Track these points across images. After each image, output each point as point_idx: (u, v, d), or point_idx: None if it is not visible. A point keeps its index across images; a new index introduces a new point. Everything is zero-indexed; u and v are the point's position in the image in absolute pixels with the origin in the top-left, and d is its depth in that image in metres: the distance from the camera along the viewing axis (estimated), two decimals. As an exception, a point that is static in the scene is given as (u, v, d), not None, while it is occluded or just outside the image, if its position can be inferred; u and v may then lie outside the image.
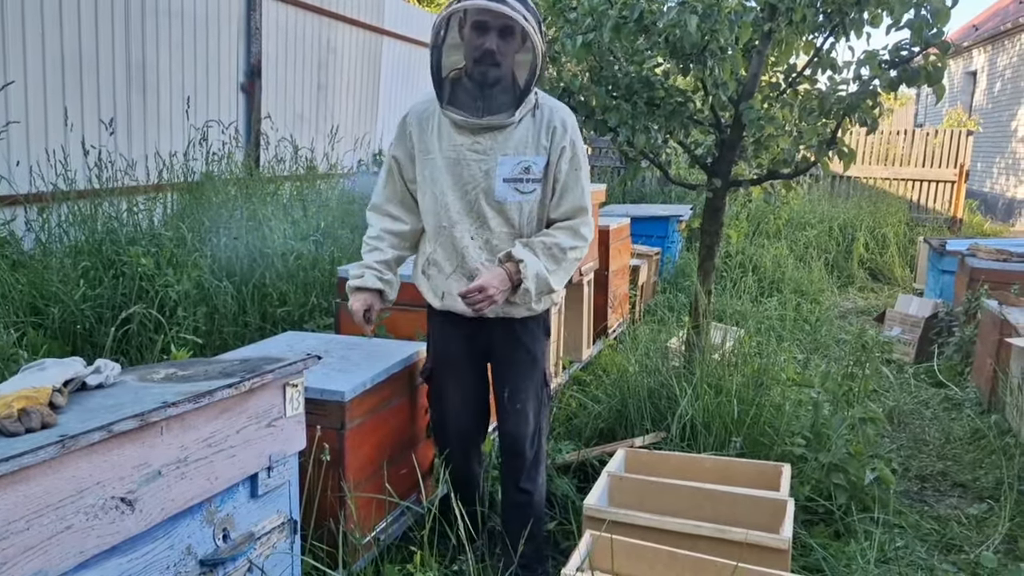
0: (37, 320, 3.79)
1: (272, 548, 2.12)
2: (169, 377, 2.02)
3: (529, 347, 2.62)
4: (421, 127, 2.53)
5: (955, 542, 3.20)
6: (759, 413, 3.48)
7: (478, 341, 2.62)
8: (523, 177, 2.47)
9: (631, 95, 3.76)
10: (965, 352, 5.36)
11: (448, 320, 2.62)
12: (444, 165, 2.48)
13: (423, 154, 2.53)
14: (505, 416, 2.63)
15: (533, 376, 2.62)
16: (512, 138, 2.46)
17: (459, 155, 2.47)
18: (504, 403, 2.61)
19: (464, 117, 2.42)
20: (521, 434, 2.61)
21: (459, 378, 2.68)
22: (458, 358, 2.66)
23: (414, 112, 2.57)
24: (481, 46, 2.35)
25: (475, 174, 2.46)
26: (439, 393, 2.72)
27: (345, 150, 8.45)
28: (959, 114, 17.05)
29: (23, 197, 4.88)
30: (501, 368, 2.65)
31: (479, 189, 2.47)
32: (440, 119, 2.49)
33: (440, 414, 2.74)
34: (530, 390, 2.61)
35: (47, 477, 1.48)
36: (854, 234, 9.62)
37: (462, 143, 2.46)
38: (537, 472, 2.67)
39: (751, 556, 2.37)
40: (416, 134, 2.54)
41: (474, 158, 2.46)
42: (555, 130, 2.49)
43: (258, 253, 4.80)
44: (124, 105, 5.81)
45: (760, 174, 4.16)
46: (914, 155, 12.14)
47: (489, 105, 2.41)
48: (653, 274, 6.88)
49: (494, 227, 2.50)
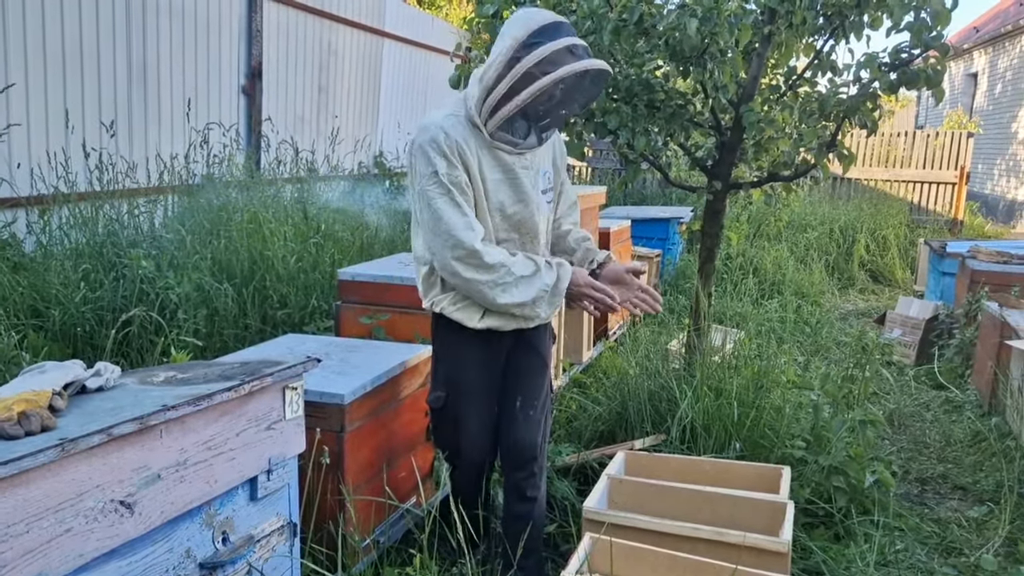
0: (38, 323, 3.80)
1: (272, 551, 2.12)
2: (169, 380, 2.02)
3: (541, 352, 2.62)
4: (466, 146, 2.36)
5: (955, 545, 3.20)
6: (759, 415, 3.47)
7: (496, 357, 2.57)
8: (548, 187, 2.56)
9: (631, 97, 3.77)
10: (966, 354, 5.36)
11: (471, 340, 2.51)
12: (493, 186, 2.41)
13: (477, 175, 2.40)
14: (515, 425, 2.55)
15: (543, 383, 2.62)
16: (538, 152, 2.51)
17: (511, 174, 2.44)
18: (515, 411, 2.55)
19: (513, 147, 2.41)
20: (532, 442, 2.55)
21: (479, 406, 2.59)
22: (478, 382, 2.58)
23: (455, 133, 2.35)
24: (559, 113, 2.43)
25: (528, 190, 2.46)
26: (456, 423, 2.60)
27: (346, 152, 8.46)
28: (960, 116, 17.04)
29: (24, 199, 4.89)
30: (515, 376, 2.59)
31: (532, 205, 2.47)
32: (478, 139, 2.39)
33: (455, 441, 2.63)
34: (541, 396, 2.59)
35: (47, 480, 1.48)
36: (855, 236, 9.62)
37: (513, 161, 2.44)
38: (542, 479, 2.63)
39: (750, 559, 2.37)
40: (468, 157, 2.36)
41: (526, 175, 2.46)
42: (555, 139, 2.58)
43: (258, 255, 4.80)
44: (125, 107, 5.82)
45: (760, 176, 4.16)
46: (915, 157, 12.13)
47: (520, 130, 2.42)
48: (654, 276, 6.88)
49: (541, 240, 2.54)
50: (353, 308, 3.66)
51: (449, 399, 2.59)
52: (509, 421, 2.57)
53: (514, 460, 2.58)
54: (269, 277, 4.72)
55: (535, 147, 2.46)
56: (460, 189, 2.34)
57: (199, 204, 5.43)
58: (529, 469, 2.56)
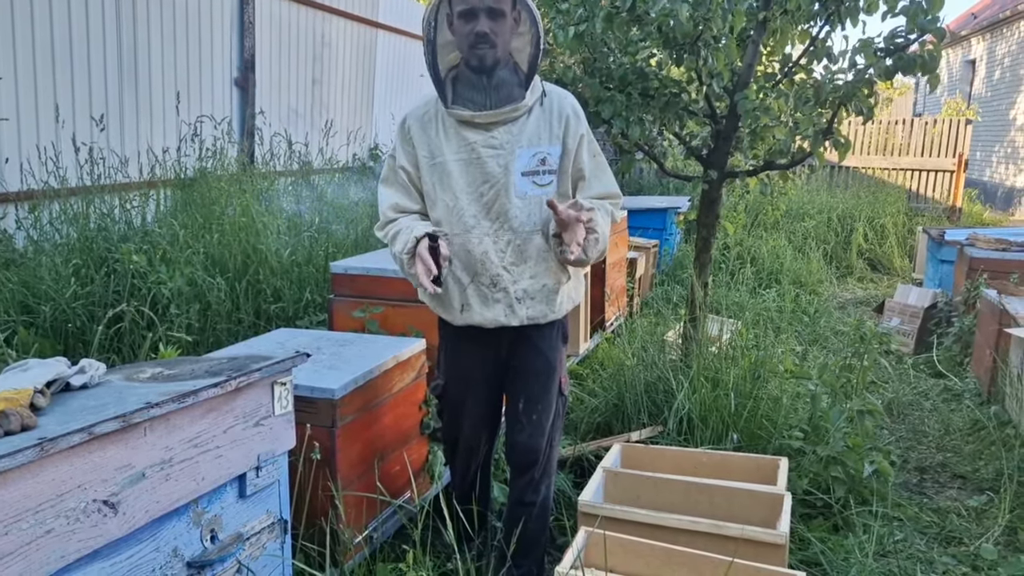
0: (28, 319, 3.76)
1: (262, 549, 2.09)
2: (155, 377, 1.99)
3: (548, 355, 2.49)
4: (424, 131, 2.38)
5: (955, 534, 3.18)
6: (756, 406, 3.45)
7: (495, 352, 2.50)
8: (539, 169, 2.36)
9: (625, 86, 3.72)
10: (964, 342, 5.33)
11: (464, 334, 2.48)
12: (457, 167, 2.35)
13: (429, 159, 2.38)
14: (519, 427, 2.48)
15: (550, 386, 2.50)
16: (525, 129, 2.36)
17: (473, 154, 2.34)
18: (518, 413, 2.48)
19: (472, 112, 2.31)
20: (534, 447, 2.48)
21: (476, 396, 2.55)
22: (475, 376, 2.53)
23: (413, 116, 2.42)
24: (472, 31, 2.25)
25: (493, 171, 2.34)
26: (454, 412, 2.60)
27: (340, 145, 8.41)
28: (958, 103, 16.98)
29: (13, 195, 4.85)
30: (518, 377, 2.50)
31: (499, 187, 2.34)
32: (444, 121, 2.36)
33: (453, 431, 2.63)
34: (546, 400, 2.49)
35: (25, 481, 1.45)
36: (853, 224, 9.58)
37: (475, 140, 2.33)
38: (544, 484, 2.55)
39: (748, 551, 2.35)
40: (419, 138, 2.39)
41: (490, 154, 2.33)
42: (568, 118, 2.40)
43: (252, 249, 4.76)
44: (116, 101, 5.77)
45: (756, 165, 4.12)
46: (913, 145, 12.08)
47: (497, 96, 2.31)
48: (651, 267, 6.85)
49: (516, 226, 2.35)
50: (346, 301, 3.63)
51: (447, 388, 2.59)
52: (512, 423, 2.52)
53: (515, 463, 2.54)
54: (263, 271, 4.68)
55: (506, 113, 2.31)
56: (395, 173, 2.45)
57: (191, 198, 5.39)
58: (530, 474, 2.50)
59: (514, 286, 2.38)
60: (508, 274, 2.37)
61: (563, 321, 2.55)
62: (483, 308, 2.39)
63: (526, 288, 2.39)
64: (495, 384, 2.57)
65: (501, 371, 2.53)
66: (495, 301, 2.39)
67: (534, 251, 2.39)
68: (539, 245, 2.39)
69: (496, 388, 2.58)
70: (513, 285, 2.38)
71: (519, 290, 2.39)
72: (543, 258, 2.40)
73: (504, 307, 2.39)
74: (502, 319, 2.40)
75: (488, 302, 2.39)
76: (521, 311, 2.40)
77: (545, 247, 2.40)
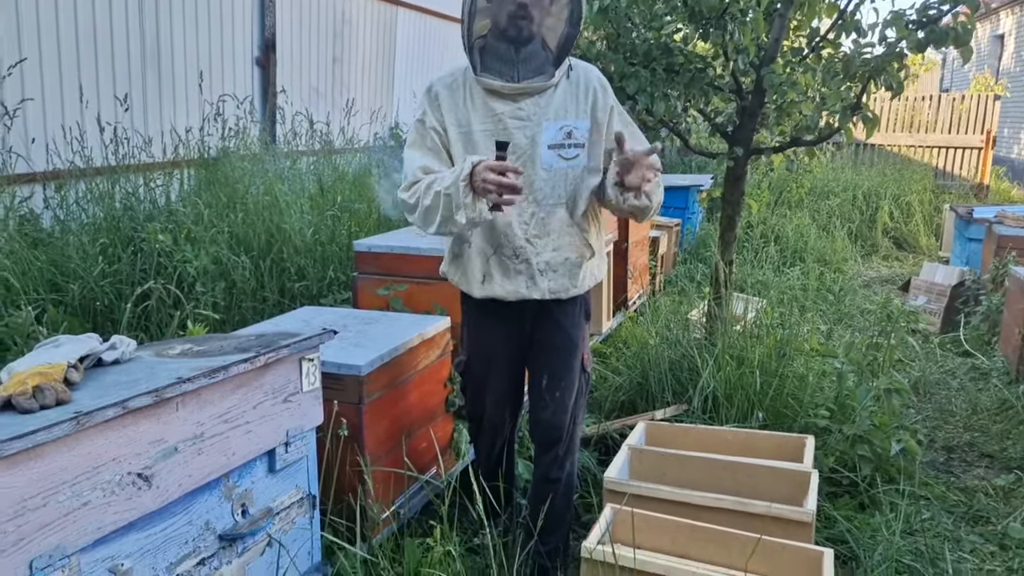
0: (57, 297, 3.80)
1: (291, 523, 2.11)
2: (185, 353, 2.01)
3: (570, 332, 2.48)
4: (452, 98, 2.36)
5: (982, 513, 3.16)
6: (782, 384, 3.43)
7: (518, 328, 2.49)
8: (566, 142, 2.35)
9: (649, 62, 3.68)
10: (992, 321, 5.27)
11: (487, 309, 2.47)
12: (482, 137, 2.33)
13: (456, 127, 2.35)
14: (542, 404, 2.48)
15: (572, 362, 2.49)
16: (553, 102, 2.35)
17: (500, 124, 2.32)
18: (541, 390, 2.47)
19: (503, 82, 2.30)
20: (557, 423, 2.48)
21: (499, 373, 2.55)
22: (498, 351, 2.53)
23: (441, 83, 2.39)
24: (515, 0, 2.24)
25: (520, 142, 2.32)
26: (478, 387, 2.60)
27: (361, 124, 8.40)
28: (986, 79, 16.67)
29: (40, 174, 4.89)
30: (540, 353, 2.50)
31: (524, 158, 2.32)
32: (472, 90, 2.35)
33: (477, 407, 2.63)
34: (569, 377, 2.48)
35: (62, 454, 1.47)
36: (878, 202, 9.47)
37: (503, 111, 2.32)
38: (568, 461, 2.55)
39: (774, 528, 2.34)
40: (447, 105, 2.36)
41: (517, 125, 2.33)
42: (595, 91, 2.39)
43: (275, 228, 4.78)
44: (139, 81, 5.79)
45: (782, 141, 4.07)
46: (940, 121, 11.90)
47: (526, 69, 2.31)
48: (673, 245, 6.80)
49: (540, 198, 2.34)
50: (370, 279, 3.64)
51: (471, 364, 2.59)
52: (535, 400, 2.52)
53: (539, 440, 2.54)
54: (286, 250, 4.70)
55: (534, 87, 2.31)
56: (425, 135, 2.37)
57: (215, 177, 5.41)
58: (554, 451, 2.50)
59: (536, 258, 2.37)
60: (531, 246, 2.37)
61: (585, 298, 2.55)
62: (504, 280, 2.39)
63: (548, 260, 2.39)
64: (518, 361, 2.57)
65: (524, 348, 2.53)
66: (517, 273, 2.38)
67: (557, 224, 2.38)
68: (562, 218, 2.39)
69: (519, 365, 2.59)
70: (536, 257, 2.37)
71: (541, 262, 2.38)
72: (566, 231, 2.40)
73: (526, 279, 2.38)
74: (523, 291, 2.39)
75: (510, 274, 2.38)
76: (543, 283, 2.39)
77: (568, 220, 2.39)
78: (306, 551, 2.18)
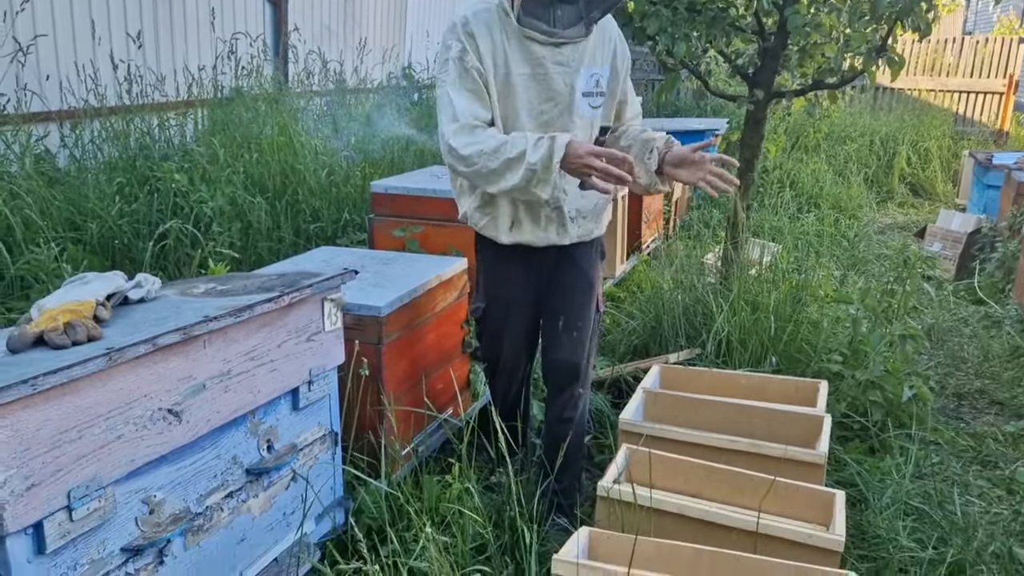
0: (76, 236, 3.83)
1: (315, 459, 2.16)
2: (208, 292, 2.03)
3: (587, 272, 2.51)
4: (491, 35, 2.25)
5: (991, 458, 3.20)
6: (796, 330, 3.45)
7: (538, 272, 2.50)
8: (595, 90, 2.36)
9: (671, 1, 3.61)
10: (1007, 269, 5.25)
11: (509, 254, 2.46)
12: (521, 82, 2.28)
13: (493, 69, 2.26)
14: (558, 344, 2.50)
15: (589, 303, 2.52)
16: (587, 49, 2.33)
17: (540, 68, 2.28)
18: (558, 331, 2.48)
19: (546, 33, 2.24)
20: (574, 363, 2.50)
21: (518, 316, 2.56)
22: (517, 297, 2.54)
23: (476, 19, 2.26)
24: None
25: (560, 88, 2.30)
26: (495, 333, 2.61)
27: (374, 63, 8.29)
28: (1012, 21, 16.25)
29: (55, 113, 4.87)
30: (557, 295, 2.51)
31: (563, 105, 2.31)
32: (508, 29, 2.27)
33: (494, 351, 2.65)
34: (586, 318, 2.50)
35: (96, 389, 1.50)
36: (895, 148, 9.35)
37: (544, 55, 2.27)
38: (581, 401, 2.59)
39: (787, 470, 2.38)
40: (484, 43, 2.25)
41: (558, 71, 2.29)
42: (616, 41, 2.41)
43: (290, 169, 4.78)
44: (151, 17, 5.71)
45: (804, 84, 4.01)
46: (962, 65, 11.65)
47: (566, 17, 2.26)
48: (688, 189, 6.76)
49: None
50: (386, 221, 3.65)
51: (489, 310, 2.60)
52: (551, 341, 2.54)
53: (554, 381, 2.57)
54: (301, 191, 4.70)
55: (575, 38, 2.28)
56: (468, 74, 2.23)
57: (229, 117, 5.38)
58: (570, 391, 2.54)
59: (569, 205, 2.38)
60: (564, 194, 2.36)
61: (601, 238, 2.59)
62: (534, 227, 2.40)
63: (579, 207, 2.41)
64: (535, 304, 2.58)
65: (542, 291, 2.55)
66: (548, 220, 2.39)
67: None
68: None
69: (536, 308, 2.60)
70: (568, 205, 2.38)
71: (573, 209, 2.40)
72: None
73: (557, 226, 2.40)
74: (554, 238, 2.41)
75: (540, 220, 2.39)
76: (573, 230, 2.42)
77: None
78: (329, 486, 2.24)
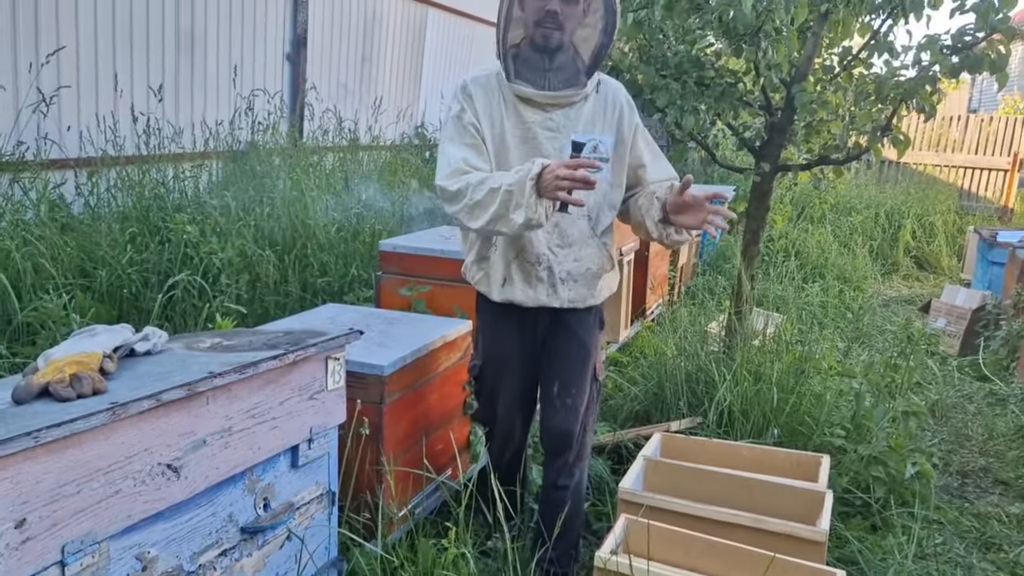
0: (85, 283, 3.86)
1: (311, 519, 2.15)
2: (215, 347, 2.05)
3: (583, 339, 2.50)
4: (487, 98, 2.36)
5: (995, 540, 3.15)
6: (799, 402, 3.43)
7: (532, 334, 2.52)
8: (592, 156, 2.36)
9: (680, 75, 3.70)
10: (1012, 346, 5.24)
11: (502, 313, 2.49)
12: (513, 143, 2.35)
13: (489, 128, 2.36)
14: (552, 411, 2.50)
15: (584, 370, 2.51)
16: (582, 115, 2.38)
17: (529, 132, 2.35)
18: (552, 397, 2.49)
19: (535, 90, 2.32)
20: (567, 431, 2.48)
21: (511, 377, 2.58)
22: (511, 358, 2.56)
23: (475, 83, 2.38)
24: (543, 8, 2.26)
25: (548, 152, 2.33)
26: (491, 393, 2.63)
27: (388, 122, 8.46)
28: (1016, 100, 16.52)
29: (73, 161, 4.97)
30: (552, 360, 2.52)
31: None
32: (504, 94, 2.36)
33: (489, 411, 2.66)
34: (581, 385, 2.50)
35: (98, 443, 1.51)
36: (901, 221, 9.42)
37: (533, 120, 2.35)
38: (578, 468, 2.57)
39: (787, 547, 2.35)
40: (482, 105, 2.36)
41: (547, 136, 2.35)
42: (622, 107, 2.44)
43: (300, 223, 4.83)
44: (172, 72, 5.86)
45: (810, 159, 4.07)
46: (967, 141, 11.81)
47: (557, 79, 2.33)
48: (693, 256, 6.81)
49: (572, 210, 2.32)
50: (393, 279, 3.68)
51: (485, 369, 2.62)
52: (546, 406, 2.54)
53: (548, 446, 2.57)
54: (310, 245, 4.75)
55: (566, 95, 2.33)
56: (466, 131, 2.33)
57: (243, 170, 5.47)
58: (564, 458, 2.52)
59: (559, 267, 2.40)
60: (553, 255, 2.40)
61: (600, 307, 2.58)
62: (525, 286, 2.42)
63: (570, 270, 2.42)
64: (531, 367, 2.59)
65: (537, 354, 2.55)
66: (538, 280, 2.41)
67: (579, 235, 2.42)
68: (584, 230, 2.42)
69: (532, 372, 2.60)
70: (558, 266, 2.40)
71: (563, 271, 2.41)
72: (587, 243, 2.44)
73: (547, 287, 2.41)
74: (543, 299, 2.42)
75: (531, 280, 2.41)
76: (563, 293, 2.43)
77: (590, 232, 2.43)
78: (324, 546, 2.22)
